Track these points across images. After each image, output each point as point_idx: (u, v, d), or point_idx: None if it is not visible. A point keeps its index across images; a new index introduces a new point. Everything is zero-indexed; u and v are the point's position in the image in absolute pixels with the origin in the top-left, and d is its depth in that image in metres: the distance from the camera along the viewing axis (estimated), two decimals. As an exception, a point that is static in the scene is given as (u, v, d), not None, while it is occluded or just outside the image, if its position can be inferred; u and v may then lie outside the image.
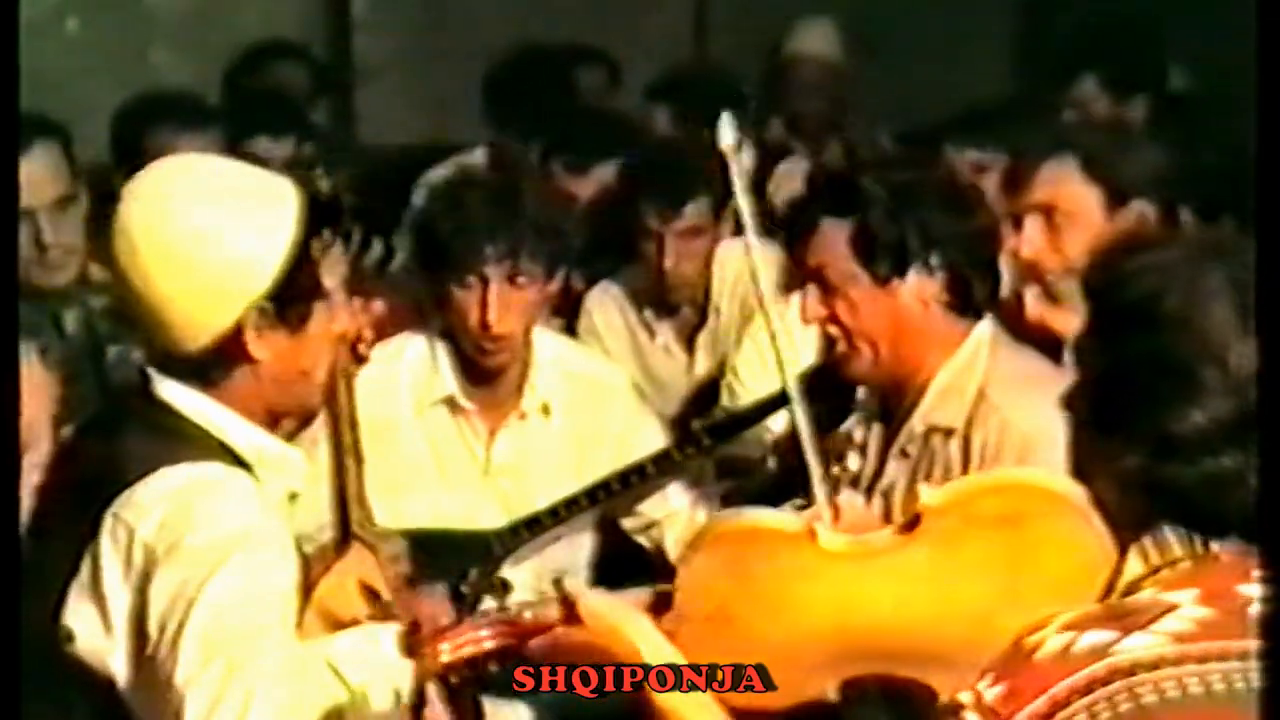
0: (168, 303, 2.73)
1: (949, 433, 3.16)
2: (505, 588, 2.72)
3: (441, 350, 3.84)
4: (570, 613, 2.57)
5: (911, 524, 2.68)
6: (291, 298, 2.75)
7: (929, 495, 2.69)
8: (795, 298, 3.34)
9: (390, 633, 2.79)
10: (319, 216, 2.78)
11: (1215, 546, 1.90)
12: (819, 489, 2.80)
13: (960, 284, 3.16)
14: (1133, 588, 1.91)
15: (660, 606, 2.68)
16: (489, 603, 2.65)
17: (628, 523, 3.92)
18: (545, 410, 3.86)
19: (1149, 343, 1.90)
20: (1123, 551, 1.94)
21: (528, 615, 2.63)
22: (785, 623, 2.65)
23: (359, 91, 6.74)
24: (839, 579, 2.66)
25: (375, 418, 3.68)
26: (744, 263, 3.12)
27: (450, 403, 3.85)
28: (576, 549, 3.91)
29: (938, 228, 3.14)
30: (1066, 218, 3.51)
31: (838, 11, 6.36)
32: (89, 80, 5.88)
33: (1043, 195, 3.55)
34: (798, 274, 3.29)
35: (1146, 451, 1.90)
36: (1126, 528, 1.94)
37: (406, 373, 3.85)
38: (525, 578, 3.81)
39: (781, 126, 6.11)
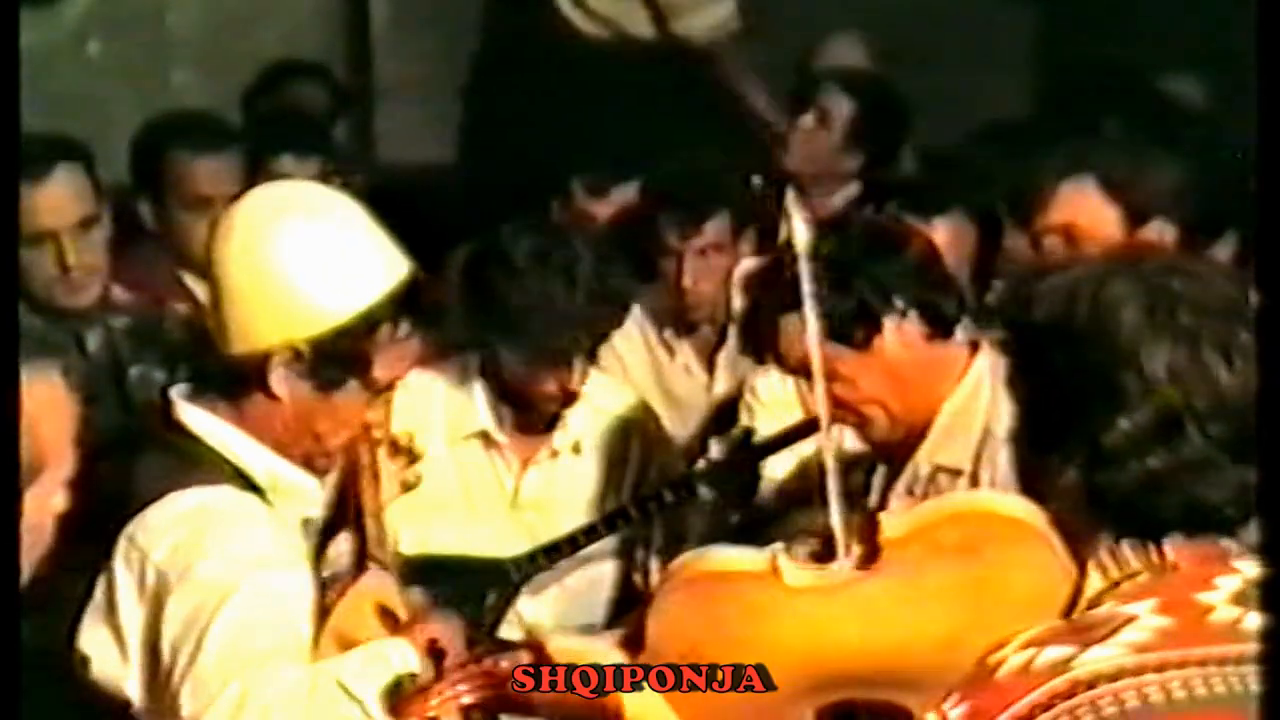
0: (231, 298, 2.77)
1: (957, 473, 3.18)
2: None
3: (478, 384, 3.85)
4: (542, 657, 2.59)
5: (873, 555, 2.69)
6: (331, 359, 2.77)
7: (889, 527, 2.70)
8: None
9: (399, 650, 2.81)
10: (408, 307, 2.80)
11: (1171, 555, 1.93)
12: (837, 520, 2.80)
13: (931, 313, 3.20)
14: (1094, 603, 1.94)
15: (633, 646, 2.69)
16: (506, 630, 2.67)
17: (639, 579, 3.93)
18: (576, 449, 3.88)
19: (1066, 359, 1.95)
20: (1082, 568, 1.96)
21: (504, 664, 2.67)
22: (757, 659, 2.64)
23: (379, 111, 6.76)
24: (806, 613, 2.67)
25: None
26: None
27: (484, 437, 3.86)
28: (597, 585, 3.91)
29: (885, 275, 3.18)
30: (1086, 238, 3.51)
31: (859, 26, 6.37)
32: (111, 102, 5.90)
33: (1062, 215, 3.55)
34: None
35: (1081, 465, 1.93)
36: (1080, 543, 1.98)
37: (440, 403, 3.86)
38: (543, 614, 3.84)
39: None
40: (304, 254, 2.76)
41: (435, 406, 3.86)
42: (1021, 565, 2.51)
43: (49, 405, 2.29)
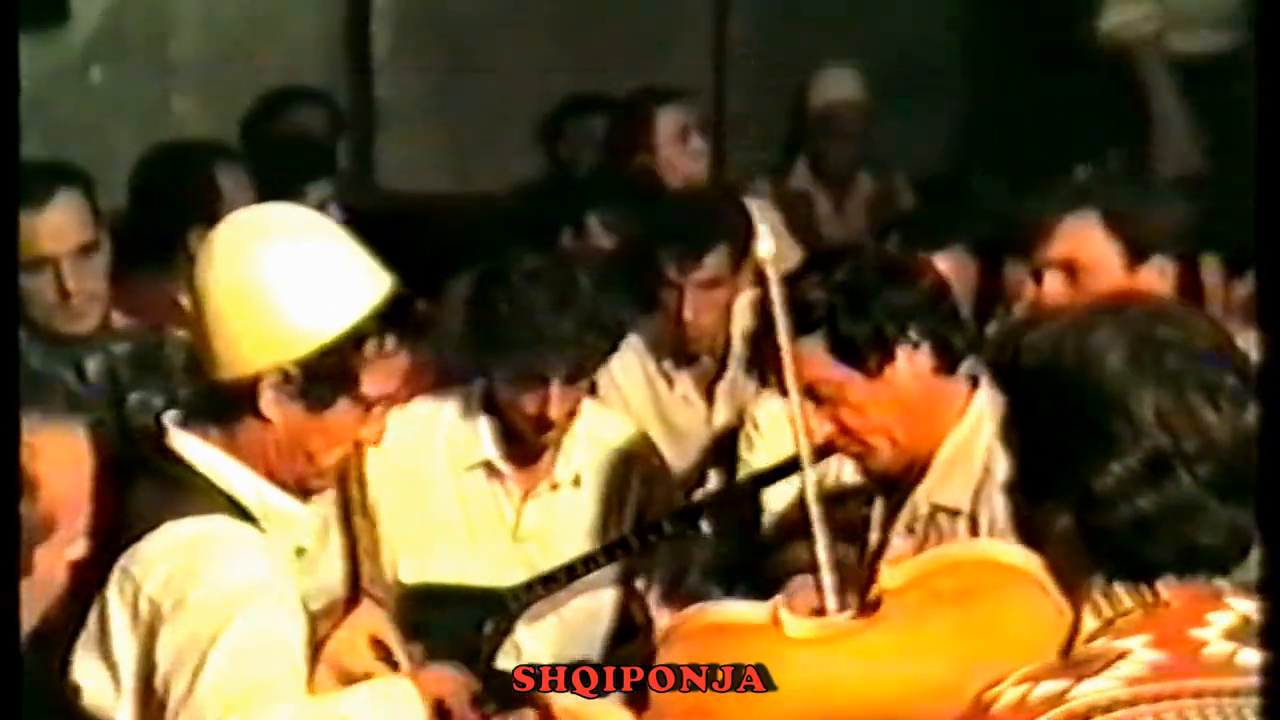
0: (216, 324, 2.77)
1: (955, 513, 3.19)
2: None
3: (481, 413, 3.84)
4: (547, 715, 2.61)
5: (873, 605, 2.71)
6: (320, 378, 2.76)
7: (888, 577, 2.71)
8: None
9: (403, 690, 2.80)
10: (394, 321, 2.79)
11: (1165, 593, 1.96)
12: (826, 574, 2.80)
13: (942, 345, 3.20)
14: (1089, 641, 1.97)
15: (638, 704, 2.69)
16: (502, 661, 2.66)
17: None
18: (577, 482, 3.88)
19: (1054, 408, 1.98)
20: (1077, 611, 2.00)
21: None
22: (761, 712, 2.66)
23: (380, 137, 6.76)
24: (808, 664, 2.69)
25: (408, 476, 3.69)
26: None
27: (488, 466, 3.86)
28: (595, 616, 3.90)
29: (902, 303, 3.18)
30: (1087, 272, 3.51)
31: (854, 50, 6.38)
32: (112, 128, 5.90)
33: (1063, 249, 3.54)
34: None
35: (1074, 509, 1.97)
36: (1075, 586, 2.01)
37: (444, 433, 3.86)
38: (541, 645, 3.83)
39: (806, 169, 6.15)
40: (284, 275, 2.75)
41: (438, 434, 3.85)
42: (1018, 611, 2.53)
43: (70, 462, 2.29)
